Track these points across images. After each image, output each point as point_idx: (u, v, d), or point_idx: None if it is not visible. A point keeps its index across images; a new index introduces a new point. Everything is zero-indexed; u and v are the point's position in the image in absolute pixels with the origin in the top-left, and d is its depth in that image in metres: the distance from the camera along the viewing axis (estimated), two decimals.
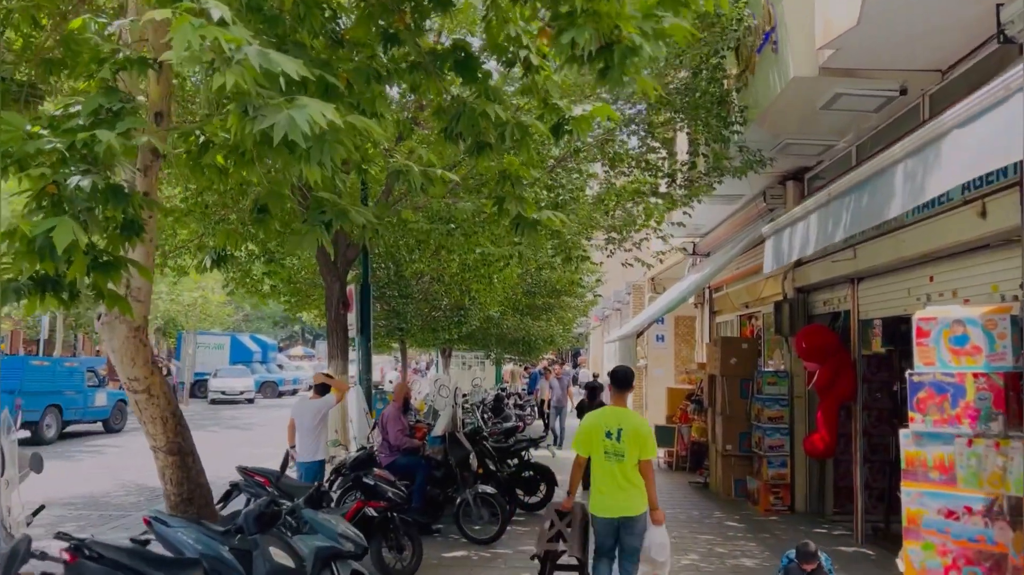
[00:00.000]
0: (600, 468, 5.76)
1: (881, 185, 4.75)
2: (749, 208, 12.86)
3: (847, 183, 5.53)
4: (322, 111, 3.42)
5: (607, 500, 5.75)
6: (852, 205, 5.25)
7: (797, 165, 10.69)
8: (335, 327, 10.18)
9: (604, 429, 5.77)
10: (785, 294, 11.06)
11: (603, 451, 5.73)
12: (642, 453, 5.72)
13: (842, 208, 5.48)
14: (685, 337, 22.18)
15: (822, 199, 6.07)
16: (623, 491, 5.69)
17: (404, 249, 10.55)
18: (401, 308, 13.84)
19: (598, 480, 5.79)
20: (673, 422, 14.89)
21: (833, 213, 5.71)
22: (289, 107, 3.39)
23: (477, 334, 18.84)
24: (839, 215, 5.54)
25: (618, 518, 5.71)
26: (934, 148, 4.12)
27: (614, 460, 5.70)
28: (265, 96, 3.51)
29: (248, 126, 3.43)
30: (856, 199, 5.19)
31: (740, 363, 11.61)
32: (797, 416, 10.87)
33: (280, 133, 3.31)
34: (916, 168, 4.20)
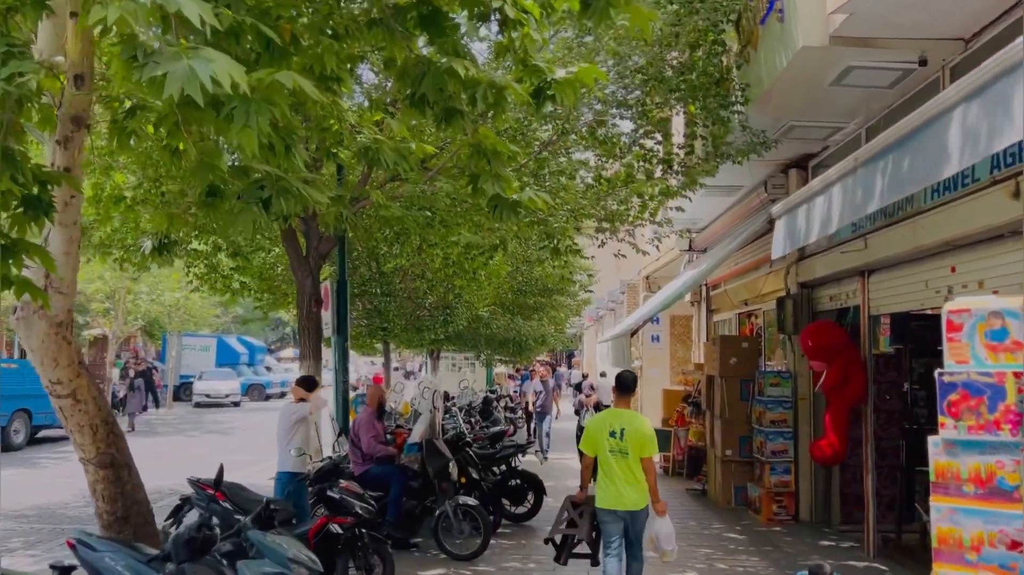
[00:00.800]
0: (605, 465, 6.14)
1: (929, 139, 3.96)
2: (748, 200, 12.21)
3: (882, 143, 4.77)
4: (230, 71, 2.74)
5: (612, 494, 6.10)
6: (890, 168, 4.48)
7: (801, 152, 10.03)
8: (307, 326, 9.49)
9: (608, 429, 6.17)
10: (788, 289, 10.40)
11: (608, 450, 6.12)
12: (644, 451, 6.11)
13: (875, 174, 4.71)
14: (681, 337, 21.52)
15: (847, 166, 5.33)
16: (627, 486, 6.07)
17: (383, 243, 9.85)
18: (383, 306, 13.14)
19: (604, 476, 6.17)
20: (669, 425, 14.22)
21: (863, 181, 4.95)
22: (190, 57, 2.70)
23: (466, 335, 18.15)
24: (870, 182, 4.78)
25: (623, 511, 6.10)
26: (1007, 82, 3.32)
27: (619, 457, 6.08)
28: (166, 43, 2.85)
29: (135, 74, 2.76)
30: (895, 160, 4.43)
31: (740, 363, 10.94)
32: (801, 419, 10.21)
33: (174, 86, 2.63)
34: (980, 113, 3.44)
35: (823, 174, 5.96)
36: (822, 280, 9.70)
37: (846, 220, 5.43)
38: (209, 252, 9.61)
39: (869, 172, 4.73)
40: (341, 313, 10.73)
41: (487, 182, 4.84)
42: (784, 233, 6.37)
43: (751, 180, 11.37)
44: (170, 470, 13.14)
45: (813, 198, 5.93)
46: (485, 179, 4.83)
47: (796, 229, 6.17)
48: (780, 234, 6.44)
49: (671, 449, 13.97)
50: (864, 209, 4.98)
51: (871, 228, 8.11)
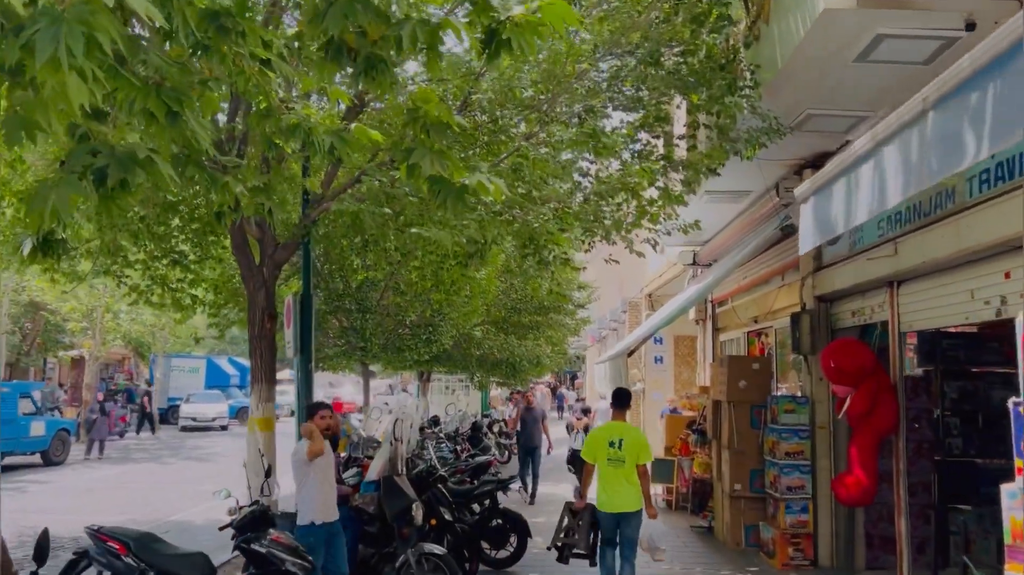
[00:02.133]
0: (605, 472, 6.93)
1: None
2: (757, 208, 11.10)
3: (972, 65, 3.40)
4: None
5: (610, 498, 6.91)
6: (989, 102, 3.10)
7: (817, 149, 8.94)
8: (258, 345, 8.38)
9: (608, 440, 6.98)
10: (804, 304, 9.26)
11: (607, 458, 6.91)
12: (640, 458, 6.94)
13: (962, 116, 3.33)
14: (685, 358, 20.36)
15: (911, 111, 3.96)
16: (624, 490, 6.86)
17: (350, 251, 8.77)
18: (359, 324, 12.03)
19: (603, 482, 6.95)
20: (672, 454, 13.03)
21: (940, 128, 3.58)
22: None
23: (455, 355, 17.01)
24: (953, 128, 3.43)
25: (619, 513, 6.88)
26: None
27: (616, 465, 6.89)
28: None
29: None
30: (1001, 87, 3.06)
31: (750, 387, 9.79)
32: (820, 451, 9.03)
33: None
34: None
35: (870, 131, 4.68)
36: (843, 293, 8.57)
37: (912, 190, 4.03)
38: (145, 260, 8.49)
39: (951, 115, 3.42)
40: (305, 331, 9.63)
41: (424, 158, 3.75)
42: (813, 220, 5.15)
43: (760, 184, 10.27)
44: (104, 506, 12.03)
45: (856, 166, 4.68)
46: (421, 154, 3.75)
47: (831, 213, 4.92)
48: (808, 222, 5.21)
49: (674, 480, 12.77)
50: (947, 169, 3.57)
51: (901, 231, 7.00)
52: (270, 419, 8.37)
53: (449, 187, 3.88)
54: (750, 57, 7.25)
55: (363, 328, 12.00)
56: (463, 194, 3.92)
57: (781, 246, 10.39)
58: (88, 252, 8.13)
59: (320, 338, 13.19)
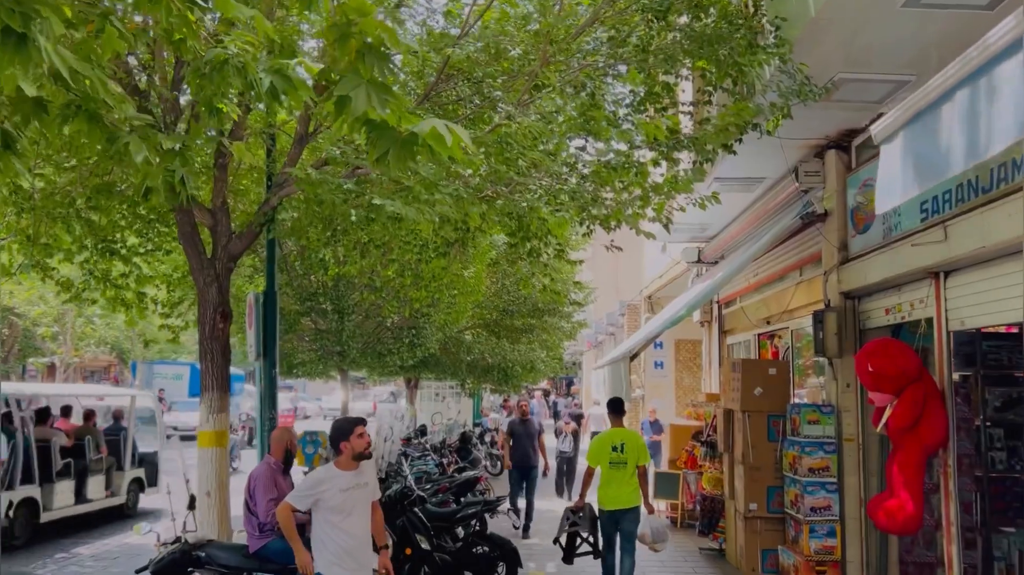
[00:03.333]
0: (607, 474, 7.54)
1: None
2: (772, 195, 10.09)
3: None
4: None
5: (613, 496, 7.51)
6: None
7: (842, 126, 7.94)
8: (210, 348, 7.32)
9: (611, 444, 7.61)
10: (828, 301, 8.24)
11: (609, 461, 7.54)
12: (640, 460, 7.59)
13: None
14: (687, 364, 19.35)
15: None
16: (623, 490, 7.49)
17: (318, 242, 7.73)
18: (335, 326, 10.98)
19: (605, 483, 7.55)
20: (677, 467, 12.00)
21: None
22: None
23: (444, 360, 15.95)
24: None
25: (619, 509, 7.49)
26: None
27: (618, 467, 7.53)
28: None
29: None
30: None
31: (767, 394, 8.76)
32: (848, 466, 8.00)
33: None
34: None
35: None
36: (875, 288, 7.56)
37: None
38: (70, 249, 7.41)
39: None
40: (269, 332, 8.61)
41: (357, 90, 2.73)
42: (901, 167, 3.86)
43: (775, 169, 9.27)
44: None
45: (982, 74, 3.39)
46: (352, 83, 2.73)
47: (935, 150, 3.56)
48: (892, 169, 3.90)
49: (680, 496, 11.73)
50: None
51: (952, 213, 5.99)
52: (223, 433, 7.32)
53: (390, 134, 2.86)
54: (773, 10, 6.24)
55: (339, 331, 10.95)
56: (411, 147, 2.90)
57: (800, 237, 9.38)
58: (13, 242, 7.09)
59: (293, 341, 12.14)
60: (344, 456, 4.95)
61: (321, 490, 4.86)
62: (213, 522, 7.12)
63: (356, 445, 4.92)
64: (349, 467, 4.95)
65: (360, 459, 4.93)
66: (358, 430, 4.95)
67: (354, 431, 4.94)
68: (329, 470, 4.99)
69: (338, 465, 4.98)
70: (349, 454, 4.93)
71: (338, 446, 4.91)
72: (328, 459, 7.44)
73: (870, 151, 7.89)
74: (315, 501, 4.86)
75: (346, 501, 4.86)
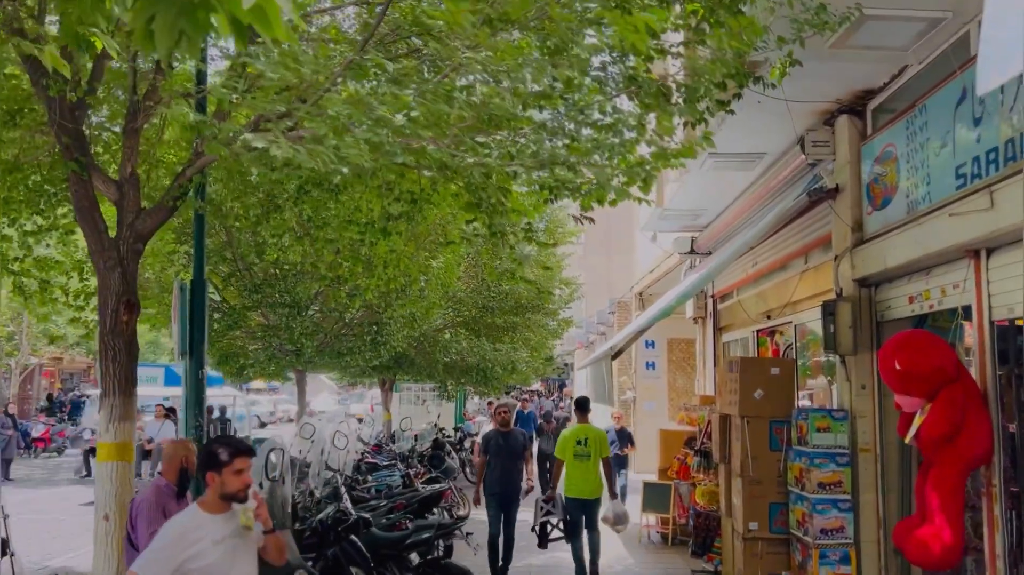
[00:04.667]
0: (572, 466, 8.33)
1: None
2: (772, 175, 8.99)
3: None
4: None
5: (578, 487, 8.31)
6: None
7: (856, 86, 6.84)
8: (111, 344, 6.18)
9: (576, 439, 8.41)
10: (840, 290, 7.13)
11: (575, 454, 8.33)
12: (602, 452, 8.42)
13: None
14: (680, 364, 18.25)
15: None
16: (588, 481, 8.30)
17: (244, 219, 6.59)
18: (286, 322, 9.83)
19: (571, 474, 8.34)
20: (668, 477, 10.87)
21: None
22: None
23: (418, 360, 14.79)
24: None
25: (585, 498, 8.29)
26: None
27: (583, 460, 8.32)
28: None
29: None
30: None
31: (769, 397, 7.64)
32: (864, 481, 6.89)
33: None
34: None
35: None
36: (897, 272, 6.44)
37: None
38: None
39: None
40: (196, 326, 7.47)
41: None
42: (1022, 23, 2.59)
43: (778, 143, 8.18)
44: None
45: None
46: None
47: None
48: (1004, 28, 2.64)
49: (671, 510, 10.60)
50: None
51: (1001, 175, 4.88)
52: (126, 445, 6.17)
53: None
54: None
55: (291, 327, 9.80)
56: (193, 13, 1.76)
57: (805, 219, 8.28)
58: None
59: (242, 339, 10.99)
60: (210, 493, 3.60)
61: (185, 549, 3.48)
62: (111, 553, 5.98)
63: (229, 483, 3.56)
64: (219, 509, 3.59)
65: (232, 502, 3.60)
66: (238, 463, 3.57)
67: (232, 463, 3.56)
68: (194, 516, 3.60)
69: (204, 506, 3.61)
70: (216, 491, 3.58)
71: (204, 477, 3.62)
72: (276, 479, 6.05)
73: (888, 114, 6.80)
74: (179, 564, 3.45)
75: (222, 559, 3.52)
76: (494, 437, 8.86)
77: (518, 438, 8.96)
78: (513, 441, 8.84)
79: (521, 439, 9.01)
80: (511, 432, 8.98)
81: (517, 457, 8.82)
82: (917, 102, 5.99)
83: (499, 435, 8.86)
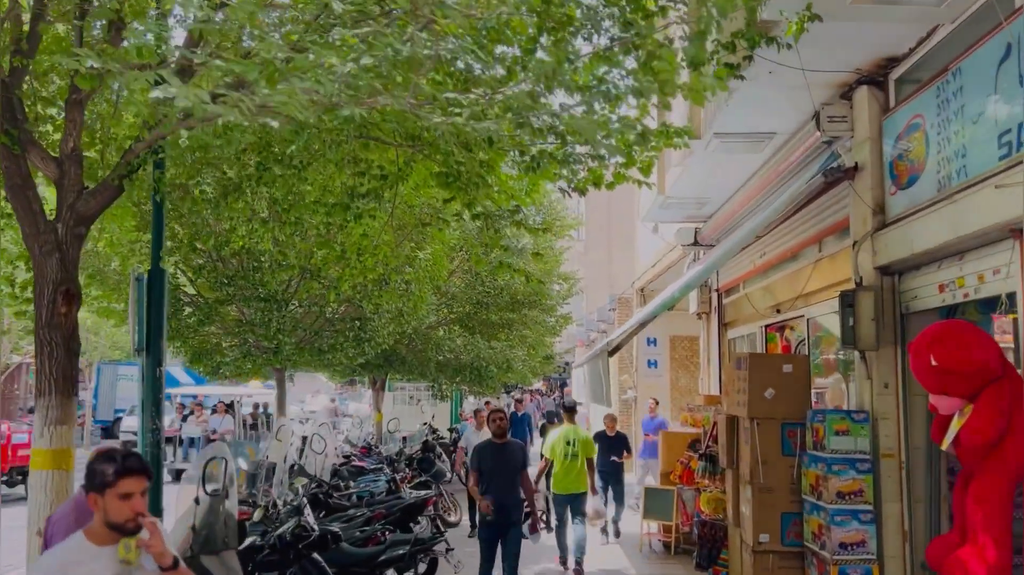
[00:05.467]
0: (561, 465, 9.05)
1: None
2: (783, 157, 8.32)
3: None
4: None
5: (565, 484, 9.07)
6: None
7: (878, 54, 6.17)
8: (48, 339, 5.55)
9: (565, 440, 9.07)
10: (860, 278, 6.47)
11: (563, 454, 9.02)
12: (587, 453, 9.17)
13: None
14: (683, 362, 17.58)
15: None
16: (575, 478, 9.05)
17: (202, 202, 5.94)
18: (260, 317, 9.18)
19: (560, 472, 9.07)
20: (671, 481, 10.21)
21: None
22: None
23: (409, 358, 14.13)
24: None
25: (571, 494, 9.08)
26: None
27: (571, 459, 9.02)
28: None
29: None
30: None
31: (782, 396, 6.98)
32: (887, 490, 6.23)
33: None
34: None
35: None
36: (925, 257, 5.78)
37: None
38: None
39: None
40: (154, 320, 6.87)
41: None
42: None
43: (789, 121, 7.52)
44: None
45: None
46: None
47: None
48: None
49: (674, 517, 9.94)
50: None
51: None
52: (64, 452, 5.53)
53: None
54: None
55: (266, 322, 9.15)
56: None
57: (819, 203, 7.63)
58: None
59: (217, 336, 10.34)
60: (96, 519, 2.92)
61: None
62: None
63: (112, 510, 2.86)
64: (108, 540, 2.89)
65: (118, 532, 2.87)
66: (124, 485, 2.84)
67: (116, 485, 2.84)
68: (79, 547, 2.90)
69: (91, 535, 2.92)
70: (101, 519, 2.89)
71: (88, 497, 2.92)
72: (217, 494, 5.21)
73: (913, 85, 6.14)
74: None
75: None
76: (488, 450, 7.35)
77: (516, 452, 7.40)
78: (510, 455, 7.33)
79: (520, 454, 7.44)
80: (508, 444, 7.40)
81: (515, 474, 7.28)
82: (950, 65, 5.33)
83: (494, 447, 7.34)
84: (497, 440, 7.39)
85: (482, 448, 7.45)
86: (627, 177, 7.21)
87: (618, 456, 11.13)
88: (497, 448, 7.35)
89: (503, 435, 7.40)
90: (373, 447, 13.98)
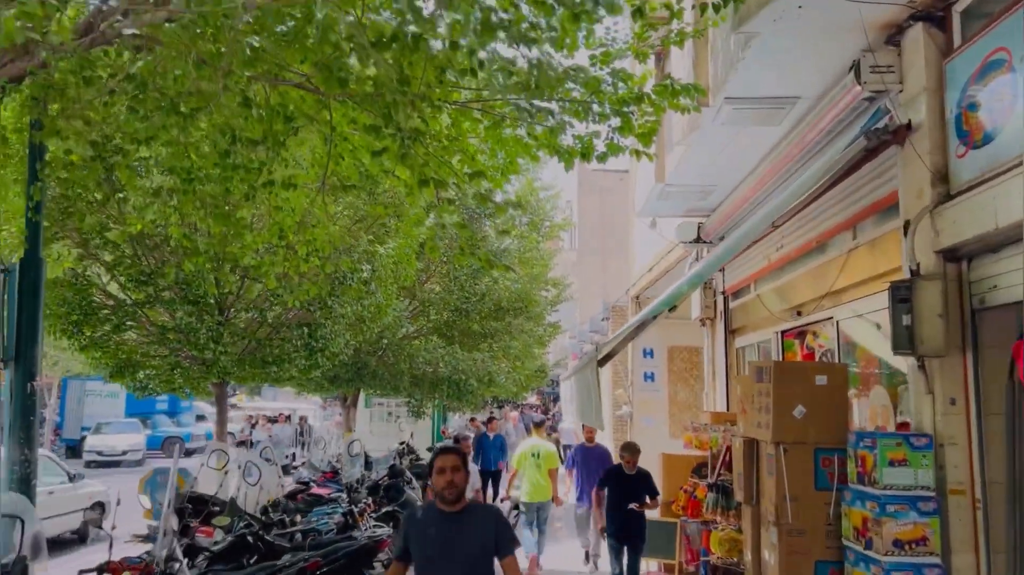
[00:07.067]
0: (528, 475, 10.47)
1: None
2: (808, 126, 6.94)
3: None
4: None
5: (531, 492, 10.44)
6: None
7: None
8: None
9: (531, 452, 10.57)
10: (916, 265, 5.10)
11: (528, 465, 10.45)
12: (550, 465, 10.55)
13: None
14: (682, 375, 16.14)
15: None
16: (539, 487, 10.42)
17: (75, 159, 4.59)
18: (187, 323, 7.78)
19: (527, 481, 10.47)
20: (674, 512, 8.81)
21: None
22: None
23: (380, 371, 12.71)
24: None
25: (537, 502, 10.43)
26: None
27: (535, 469, 10.42)
28: None
29: None
30: None
31: (815, 416, 5.59)
32: (957, 536, 4.84)
33: None
34: None
35: None
36: (1010, 234, 4.41)
37: None
38: None
39: None
40: (27, 322, 5.50)
41: None
42: None
43: (817, 81, 6.16)
44: None
45: None
46: None
47: None
48: None
49: (676, 554, 8.52)
50: None
51: None
52: None
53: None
54: None
55: (196, 329, 7.74)
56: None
57: (854, 179, 6.27)
58: None
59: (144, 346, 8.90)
60: None
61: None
62: None
63: None
64: None
65: None
66: None
67: None
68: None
69: None
70: None
71: None
72: None
73: (978, 21, 4.81)
74: None
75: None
76: (427, 522, 4.25)
77: (485, 525, 4.23)
78: (471, 531, 4.19)
79: (492, 528, 4.23)
80: (468, 512, 4.24)
81: (479, 564, 4.16)
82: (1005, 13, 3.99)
83: (440, 518, 4.22)
84: (446, 507, 4.19)
85: (416, 520, 4.30)
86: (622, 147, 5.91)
87: (638, 501, 8.33)
88: (445, 519, 4.18)
89: (458, 499, 4.17)
90: (339, 471, 12.53)
